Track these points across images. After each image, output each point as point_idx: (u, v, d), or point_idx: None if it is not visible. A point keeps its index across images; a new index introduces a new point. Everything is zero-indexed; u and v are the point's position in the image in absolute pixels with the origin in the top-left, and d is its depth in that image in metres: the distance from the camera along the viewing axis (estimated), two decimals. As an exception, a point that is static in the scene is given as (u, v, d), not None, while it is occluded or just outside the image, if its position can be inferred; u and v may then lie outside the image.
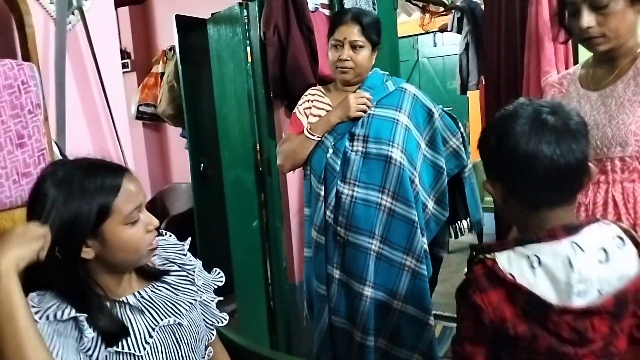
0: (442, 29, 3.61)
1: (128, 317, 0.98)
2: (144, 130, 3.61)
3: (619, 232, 0.87)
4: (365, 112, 1.60)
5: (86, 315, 0.89)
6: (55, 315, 0.87)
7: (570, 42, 1.93)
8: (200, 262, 1.18)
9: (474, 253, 0.90)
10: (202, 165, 3.15)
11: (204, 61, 2.67)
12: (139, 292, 1.01)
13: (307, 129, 1.64)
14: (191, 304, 1.08)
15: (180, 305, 1.05)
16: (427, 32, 5.22)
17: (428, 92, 6.43)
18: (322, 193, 1.63)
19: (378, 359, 1.66)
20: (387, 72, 1.73)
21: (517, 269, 0.83)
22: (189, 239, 1.18)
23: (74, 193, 0.89)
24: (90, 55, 1.48)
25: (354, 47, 1.59)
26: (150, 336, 0.98)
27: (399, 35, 2.80)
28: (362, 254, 1.59)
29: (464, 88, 3.00)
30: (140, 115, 3.36)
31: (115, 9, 1.65)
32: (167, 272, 1.08)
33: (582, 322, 0.81)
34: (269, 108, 2.26)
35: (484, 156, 0.93)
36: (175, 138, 3.56)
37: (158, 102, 3.26)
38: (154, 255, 1.05)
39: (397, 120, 1.61)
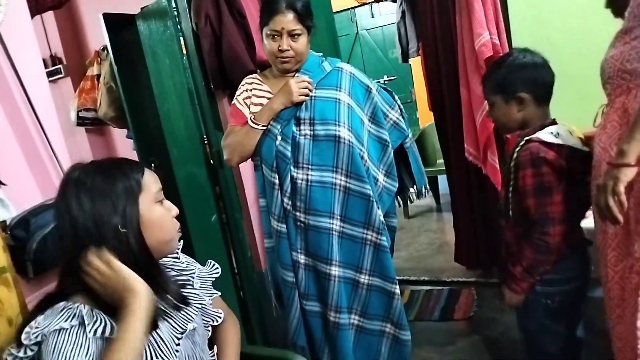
0: (378, -1, 3.61)
1: (158, 328, 0.98)
2: (88, 136, 3.47)
3: None
4: (307, 95, 1.60)
5: None
6: (103, 332, 0.89)
7: (498, 2, 1.97)
8: (194, 261, 1.21)
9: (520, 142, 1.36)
10: (152, 164, 3.07)
11: (139, 58, 2.58)
12: (158, 307, 1.00)
13: (250, 119, 1.62)
14: (197, 308, 1.10)
15: (191, 310, 1.07)
16: (363, 4, 5.21)
17: (371, 63, 6.48)
18: (277, 181, 1.62)
19: (353, 335, 1.70)
20: (321, 53, 1.72)
21: (548, 138, 1.31)
22: (181, 241, 1.17)
23: (110, 174, 0.95)
24: (11, 68, 1.40)
25: (292, 35, 1.56)
26: (178, 344, 1.00)
27: (335, 10, 2.78)
28: (324, 235, 1.61)
29: (405, 56, 3.02)
30: (81, 122, 3.22)
31: (34, 16, 1.56)
32: (180, 284, 1.10)
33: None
34: (211, 100, 2.22)
35: (516, 79, 1.36)
36: (122, 140, 3.45)
37: (98, 106, 3.13)
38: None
39: (339, 99, 1.61)
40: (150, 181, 0.99)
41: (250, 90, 1.67)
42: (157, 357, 0.95)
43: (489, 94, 1.44)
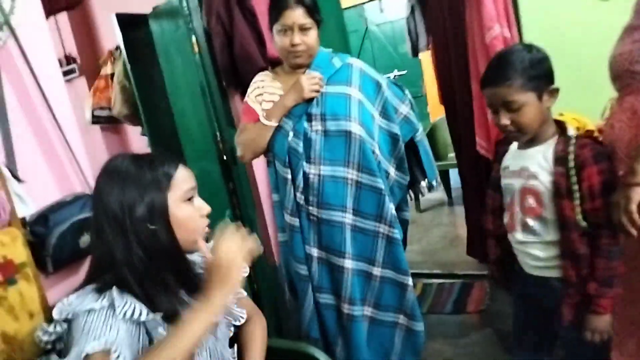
0: (387, -6, 3.59)
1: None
2: (103, 134, 3.53)
3: None
4: (318, 92, 1.61)
5: (161, 315, 0.94)
6: (132, 314, 0.91)
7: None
8: None
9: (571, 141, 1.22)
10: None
11: (152, 57, 2.61)
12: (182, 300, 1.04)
13: (263, 116, 1.64)
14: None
15: None
16: (372, 0, 5.18)
17: (381, 58, 6.47)
18: (289, 177, 1.64)
19: (367, 327, 1.72)
20: (331, 49, 1.74)
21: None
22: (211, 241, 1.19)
23: (143, 164, 0.97)
24: (28, 69, 1.44)
25: (303, 29, 1.57)
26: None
27: (344, 6, 2.79)
28: (337, 229, 1.63)
29: (415, 50, 3.01)
30: (96, 120, 3.28)
31: (48, 17, 1.60)
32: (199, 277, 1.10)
33: None
34: (224, 98, 2.25)
35: (544, 70, 1.24)
36: (137, 138, 3.49)
37: (112, 104, 3.18)
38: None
39: (350, 95, 1.62)
40: (182, 178, 1.00)
41: (262, 87, 1.69)
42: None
43: (513, 95, 1.22)
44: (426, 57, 4.14)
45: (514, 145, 1.38)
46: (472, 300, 2.57)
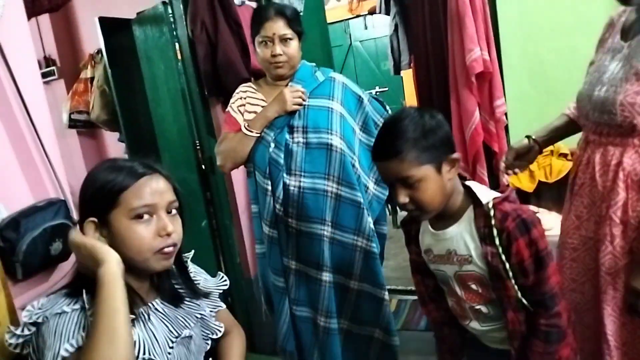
0: (371, 12, 3.65)
1: (153, 325, 0.99)
2: (80, 139, 3.46)
3: None
4: (300, 105, 1.62)
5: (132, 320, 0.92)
6: None
7: (489, 19, 2.01)
8: (203, 271, 1.21)
9: (489, 210, 1.08)
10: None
11: (133, 62, 2.59)
12: (152, 304, 1.02)
13: (244, 126, 1.64)
14: (197, 317, 1.09)
15: (189, 318, 1.07)
16: (357, 16, 5.25)
17: (363, 74, 6.53)
18: (269, 188, 1.64)
19: (342, 340, 1.71)
20: (314, 64, 1.75)
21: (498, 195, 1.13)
22: (192, 251, 1.18)
23: (101, 170, 0.97)
24: (5, 69, 1.41)
25: (284, 40, 1.59)
26: (171, 347, 1.00)
27: (329, 21, 2.82)
28: (316, 241, 1.63)
29: (397, 68, 3.05)
30: (73, 124, 3.22)
31: (30, 18, 1.57)
32: (178, 294, 1.08)
33: None
34: (205, 106, 2.24)
35: (439, 138, 1.06)
36: (114, 143, 3.44)
37: (90, 109, 3.13)
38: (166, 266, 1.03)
39: (332, 108, 1.64)
40: (135, 195, 0.94)
41: (245, 98, 1.69)
42: (149, 354, 0.95)
43: (407, 170, 1.03)
44: (408, 75, 4.19)
45: (426, 223, 1.20)
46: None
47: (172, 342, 1.02)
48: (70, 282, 0.97)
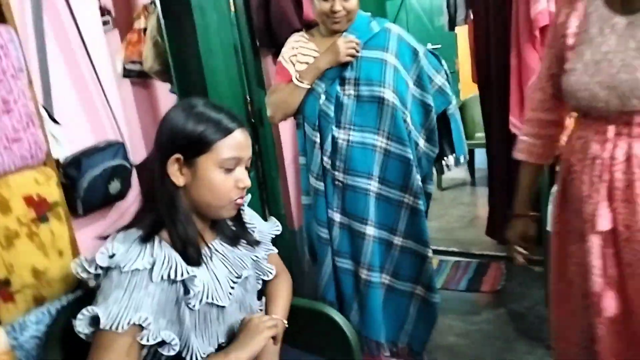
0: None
1: (215, 267, 1.04)
2: (133, 89, 3.54)
3: None
4: (354, 56, 1.59)
5: (195, 275, 0.95)
6: (169, 275, 0.92)
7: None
8: (257, 216, 1.23)
9: None
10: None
11: (186, 13, 2.59)
12: (212, 245, 1.06)
13: (295, 77, 1.63)
14: (252, 259, 1.14)
15: (246, 259, 1.11)
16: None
17: (416, 30, 6.31)
18: (318, 140, 1.64)
19: (383, 294, 1.74)
20: (369, 13, 1.70)
21: None
22: (249, 195, 1.20)
23: (190, 115, 0.96)
24: (69, 14, 1.45)
25: None
26: (232, 288, 1.05)
27: (384, -27, 2.72)
28: (362, 196, 1.63)
29: (452, 24, 2.93)
30: (127, 74, 3.29)
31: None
32: (236, 234, 1.12)
33: None
34: (256, 58, 2.23)
35: None
36: (165, 95, 3.50)
37: (144, 59, 3.18)
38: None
39: (386, 60, 1.60)
40: (229, 146, 0.97)
41: (297, 48, 1.67)
42: (212, 298, 0.99)
43: None
44: (462, 32, 4.03)
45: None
46: (487, 280, 2.57)
47: (234, 282, 1.06)
48: (141, 216, 1.01)
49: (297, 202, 2.41)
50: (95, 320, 0.88)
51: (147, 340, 0.89)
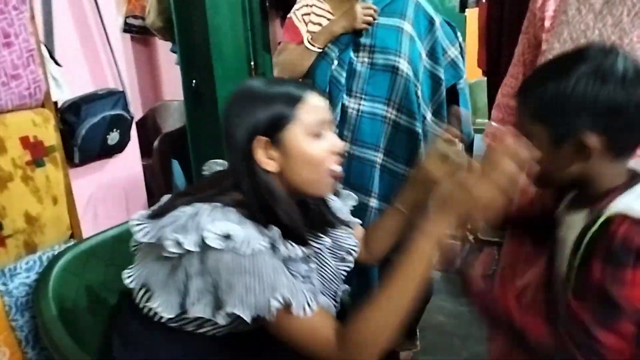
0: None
1: (325, 259, 0.99)
2: (133, 45, 3.45)
3: None
4: (370, 24, 1.53)
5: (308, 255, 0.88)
6: (289, 255, 0.84)
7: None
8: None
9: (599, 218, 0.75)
10: (194, 81, 3.05)
11: (193, -32, 2.51)
12: (320, 235, 1.00)
13: (307, 40, 1.57)
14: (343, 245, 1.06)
15: (344, 244, 1.05)
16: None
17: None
18: None
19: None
20: None
21: None
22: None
23: (256, 100, 0.87)
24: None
25: None
26: (339, 276, 1.01)
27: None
28: (367, 167, 1.59)
29: (464, 5, 2.88)
30: (127, 28, 3.19)
31: None
32: (330, 221, 1.03)
33: None
34: (264, 19, 2.16)
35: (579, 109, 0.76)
36: (165, 53, 3.42)
37: (146, 14, 3.09)
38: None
39: (402, 28, 1.54)
40: (307, 111, 0.87)
41: (311, 6, 1.60)
42: (324, 284, 0.96)
43: (525, 116, 0.83)
44: (472, 15, 3.96)
45: None
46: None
47: (340, 272, 1.01)
48: (255, 207, 0.86)
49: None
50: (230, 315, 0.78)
51: (305, 313, 0.79)
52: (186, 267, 0.79)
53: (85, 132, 1.35)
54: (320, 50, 1.56)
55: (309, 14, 1.60)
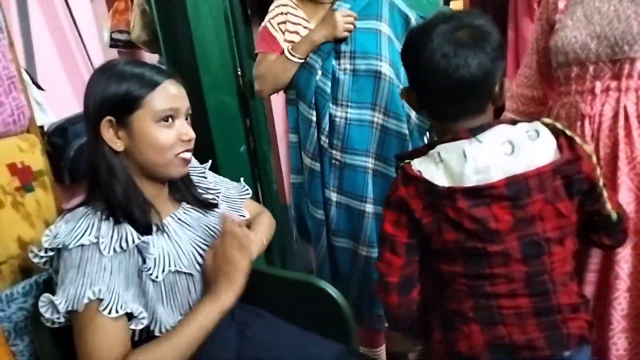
0: None
1: (178, 236, 1.01)
2: (120, 59, 3.45)
3: (536, 126, 0.87)
4: (351, 31, 1.53)
5: (148, 239, 0.93)
6: (121, 246, 0.89)
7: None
8: (225, 180, 1.21)
9: (398, 162, 0.96)
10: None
11: (175, -20, 2.51)
12: (174, 215, 1.04)
13: (287, 50, 1.56)
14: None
15: (213, 226, 1.08)
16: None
17: (408, 2, 6.20)
18: (314, 118, 1.58)
19: None
20: None
21: (425, 166, 0.89)
22: (210, 161, 1.17)
23: (111, 76, 0.92)
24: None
25: None
26: (201, 256, 1.02)
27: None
28: (360, 174, 1.60)
29: (448, -3, 2.88)
30: (114, 43, 3.19)
31: None
32: (204, 200, 1.10)
33: (480, 210, 0.83)
34: (248, 27, 2.17)
35: (404, 66, 0.96)
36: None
37: (131, 28, 3.09)
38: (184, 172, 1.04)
39: (380, 30, 1.54)
40: (159, 98, 0.94)
41: (286, 14, 1.59)
42: (175, 265, 0.97)
43: None
44: (456, 8, 3.97)
45: None
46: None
47: (201, 249, 1.03)
48: (89, 196, 0.98)
49: (290, 176, 2.39)
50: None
51: (110, 313, 0.86)
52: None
53: (73, 154, 1.36)
54: (302, 61, 1.55)
55: (284, 22, 1.59)
